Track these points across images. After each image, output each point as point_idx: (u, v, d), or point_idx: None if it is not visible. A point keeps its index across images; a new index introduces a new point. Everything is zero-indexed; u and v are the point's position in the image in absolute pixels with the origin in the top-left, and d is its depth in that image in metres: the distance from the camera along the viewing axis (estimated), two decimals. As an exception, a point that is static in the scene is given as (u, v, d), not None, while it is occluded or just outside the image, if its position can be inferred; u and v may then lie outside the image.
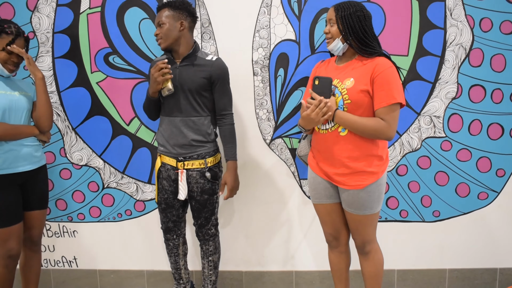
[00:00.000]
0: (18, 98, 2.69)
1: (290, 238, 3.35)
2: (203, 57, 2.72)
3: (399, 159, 3.19)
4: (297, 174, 3.25)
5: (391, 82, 2.35)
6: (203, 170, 2.76)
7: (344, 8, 2.41)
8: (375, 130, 2.36)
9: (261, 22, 3.10)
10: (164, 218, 2.92)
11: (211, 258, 2.96)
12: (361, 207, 2.50)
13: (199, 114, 2.72)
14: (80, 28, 3.19)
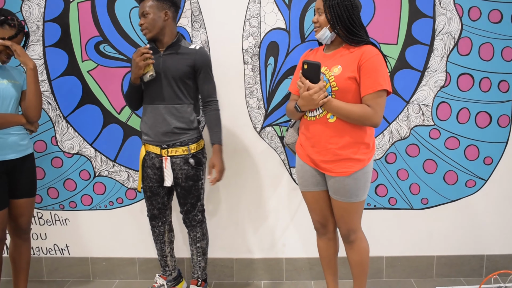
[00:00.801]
0: (6, 87, 2.68)
1: (280, 226, 3.38)
2: (186, 46, 2.76)
3: (388, 147, 3.22)
4: (287, 162, 3.28)
5: (378, 69, 2.37)
6: (187, 157, 2.78)
7: None
8: (361, 116, 2.39)
9: (251, 10, 3.10)
10: (149, 205, 2.96)
11: (199, 244, 2.99)
12: (346, 194, 2.52)
13: (182, 102, 2.76)
14: (70, 17, 3.19)
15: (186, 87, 2.75)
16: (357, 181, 2.51)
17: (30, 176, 2.87)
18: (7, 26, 2.64)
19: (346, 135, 2.47)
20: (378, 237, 3.32)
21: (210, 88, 2.81)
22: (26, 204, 2.87)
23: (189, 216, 2.92)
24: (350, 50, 2.46)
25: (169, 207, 3.03)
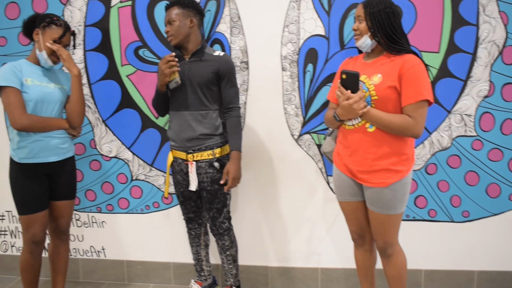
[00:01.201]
0: (52, 91, 2.74)
1: (316, 234, 3.33)
2: (210, 53, 2.78)
3: (429, 158, 3.14)
4: (324, 171, 3.23)
5: (420, 78, 2.32)
6: (212, 161, 2.79)
7: (373, 5, 2.38)
8: (401, 126, 2.33)
9: (290, 17, 3.08)
10: (184, 209, 3.01)
11: (229, 252, 2.97)
12: (384, 206, 2.46)
13: (207, 108, 2.77)
14: (111, 22, 3.23)
15: (211, 93, 2.77)
16: (395, 193, 2.44)
17: (70, 178, 2.92)
18: (54, 26, 2.71)
19: (385, 145, 2.41)
20: (416, 249, 3.24)
21: (232, 95, 2.80)
22: (66, 206, 2.92)
23: (216, 223, 2.90)
24: (391, 59, 2.41)
25: (204, 209, 3.02)
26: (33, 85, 2.65)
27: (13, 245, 3.65)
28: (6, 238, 3.64)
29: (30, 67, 2.71)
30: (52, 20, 2.70)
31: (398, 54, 2.39)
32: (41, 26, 2.69)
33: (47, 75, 2.76)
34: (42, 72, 2.75)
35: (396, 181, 2.43)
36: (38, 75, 2.72)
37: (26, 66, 2.69)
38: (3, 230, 3.63)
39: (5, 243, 3.65)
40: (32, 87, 2.64)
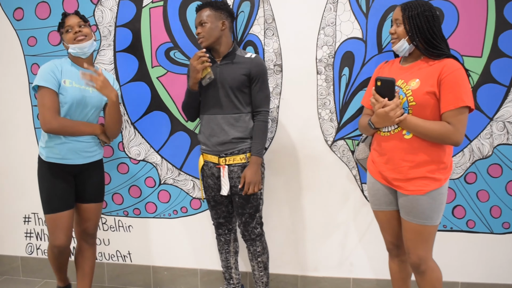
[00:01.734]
0: (90, 95, 2.72)
1: (349, 243, 3.24)
2: (242, 55, 2.74)
3: (468, 166, 3.02)
4: (358, 178, 3.13)
5: (460, 84, 2.22)
6: (244, 165, 2.73)
7: (412, 8, 2.30)
8: (441, 134, 2.24)
9: (326, 19, 2.99)
10: (214, 214, 2.94)
11: (260, 259, 2.90)
12: (420, 215, 2.35)
13: (240, 111, 2.72)
14: (142, 22, 3.17)
15: (243, 96, 2.72)
16: (432, 202, 2.34)
17: (98, 181, 2.88)
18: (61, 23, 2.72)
19: (422, 153, 2.32)
20: (454, 261, 3.12)
21: (263, 98, 2.74)
22: (93, 209, 2.88)
23: (248, 228, 2.83)
24: (430, 63, 2.31)
25: (234, 215, 2.96)
26: (71, 87, 2.63)
27: (38, 248, 3.61)
28: (32, 241, 3.61)
29: (72, 67, 2.71)
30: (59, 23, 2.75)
31: (437, 58, 2.30)
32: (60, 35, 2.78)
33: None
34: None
35: (434, 190, 2.33)
36: (78, 77, 2.69)
37: (67, 66, 2.69)
38: (29, 232, 3.59)
39: (30, 245, 3.62)
40: (69, 89, 2.63)
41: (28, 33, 3.30)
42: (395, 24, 2.38)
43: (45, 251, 3.58)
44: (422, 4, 2.31)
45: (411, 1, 2.34)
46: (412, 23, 2.29)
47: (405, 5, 2.33)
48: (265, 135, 2.75)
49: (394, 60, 2.57)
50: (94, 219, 2.91)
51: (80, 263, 2.97)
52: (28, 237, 3.60)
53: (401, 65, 2.46)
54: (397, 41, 2.38)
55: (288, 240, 3.28)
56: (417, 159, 2.33)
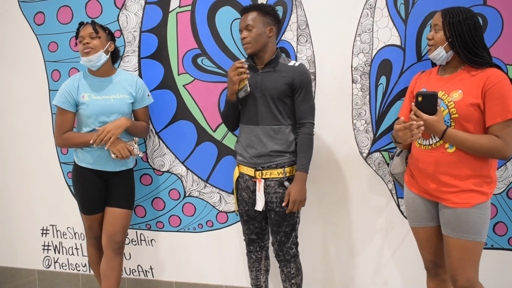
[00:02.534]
0: (112, 103, 2.73)
1: (383, 261, 3.10)
2: (285, 63, 2.61)
3: (511, 181, 2.88)
4: (395, 192, 3.00)
5: (506, 95, 2.13)
6: (282, 180, 2.60)
7: (453, 14, 2.20)
8: (489, 148, 2.14)
9: (363, 25, 2.86)
10: (246, 230, 2.79)
11: (294, 281, 2.75)
12: (470, 230, 2.22)
13: (280, 123, 2.59)
14: (168, 28, 3.07)
15: (284, 106, 2.59)
16: (481, 215, 2.22)
17: (128, 189, 2.91)
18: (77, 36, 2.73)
19: (466, 167, 2.22)
20: (494, 281, 2.96)
21: (307, 109, 2.60)
22: (121, 214, 2.87)
23: (283, 248, 2.68)
24: (472, 74, 2.22)
25: (267, 232, 2.83)
26: (90, 101, 2.71)
27: (56, 261, 3.50)
28: (50, 254, 3.49)
29: (89, 80, 2.77)
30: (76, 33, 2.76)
31: (480, 67, 2.20)
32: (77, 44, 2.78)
33: (105, 87, 2.75)
34: (100, 84, 2.74)
35: (482, 203, 2.22)
36: (96, 89, 2.73)
37: (83, 80, 2.76)
38: (47, 245, 3.48)
39: (48, 259, 3.51)
40: (89, 103, 2.71)
41: (49, 38, 3.21)
42: (433, 29, 2.28)
43: (63, 264, 3.49)
44: (464, 11, 2.21)
45: (453, 7, 2.24)
46: (453, 30, 2.19)
47: (446, 11, 2.23)
48: (311, 149, 2.61)
49: (431, 70, 2.47)
50: (122, 226, 2.88)
51: (106, 274, 2.88)
52: (45, 250, 3.49)
53: (440, 76, 2.35)
54: (433, 48, 2.28)
55: (320, 257, 3.15)
56: (461, 173, 2.23)
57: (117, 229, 2.86)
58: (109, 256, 2.87)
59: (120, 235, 2.88)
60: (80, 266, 3.47)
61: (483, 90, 2.15)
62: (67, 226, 3.41)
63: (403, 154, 2.61)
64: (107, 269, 2.87)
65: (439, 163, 2.26)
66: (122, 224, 2.88)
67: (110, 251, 2.87)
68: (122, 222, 2.88)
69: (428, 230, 2.43)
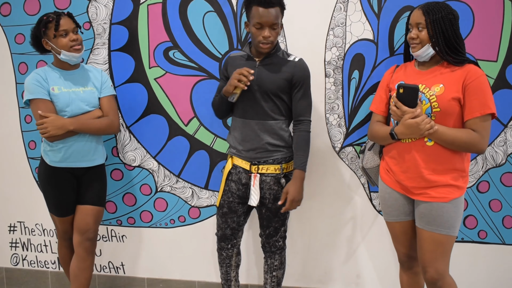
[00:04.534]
0: (83, 95, 2.69)
1: (356, 255, 3.12)
2: (284, 57, 2.53)
3: (481, 175, 2.94)
4: (367, 186, 3.03)
5: (485, 90, 2.19)
6: (278, 176, 2.56)
7: (435, 11, 2.21)
8: (467, 142, 2.19)
9: (336, 19, 2.87)
10: (222, 223, 2.69)
11: (275, 273, 2.75)
12: (445, 224, 2.26)
13: (277, 117, 2.53)
14: (139, 20, 3.01)
15: (281, 102, 2.53)
16: (456, 210, 2.28)
17: (100, 186, 2.85)
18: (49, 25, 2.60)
19: (444, 161, 2.26)
20: (464, 272, 3.03)
21: (305, 107, 2.55)
22: (94, 211, 2.81)
23: (270, 241, 2.67)
24: (452, 69, 2.25)
25: (242, 229, 2.78)
26: (60, 93, 2.63)
27: (24, 258, 3.43)
28: (18, 251, 3.42)
29: (56, 73, 2.69)
30: (44, 21, 2.59)
31: (458, 65, 2.24)
32: (43, 35, 2.60)
33: (74, 79, 2.69)
34: (69, 77, 2.69)
35: (458, 197, 2.27)
36: (65, 81, 2.68)
37: (51, 73, 2.67)
38: (14, 242, 3.40)
39: (16, 256, 3.44)
40: (60, 95, 2.63)
41: (16, 30, 3.12)
42: (415, 28, 2.27)
43: (32, 262, 3.42)
44: (444, 7, 2.22)
45: (431, 3, 2.25)
46: (437, 28, 2.20)
47: (427, 8, 2.23)
48: (308, 147, 2.58)
49: (406, 64, 2.49)
50: (94, 223, 2.82)
51: (77, 275, 2.81)
52: (13, 247, 3.41)
53: (419, 70, 2.37)
54: (419, 46, 2.27)
55: (294, 252, 3.15)
56: (439, 167, 2.26)
57: (90, 226, 2.80)
58: (81, 256, 2.81)
59: (93, 232, 2.83)
60: (49, 263, 3.40)
61: (464, 84, 2.19)
62: (36, 222, 3.34)
63: (376, 148, 2.62)
64: (77, 270, 2.81)
65: (418, 157, 2.28)
66: (95, 222, 2.82)
67: (82, 250, 2.80)
68: (94, 220, 2.82)
69: (404, 225, 2.46)
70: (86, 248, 2.81)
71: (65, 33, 2.59)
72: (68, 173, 2.71)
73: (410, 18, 2.32)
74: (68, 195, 2.75)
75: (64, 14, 2.63)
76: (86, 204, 2.79)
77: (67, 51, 2.60)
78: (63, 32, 2.58)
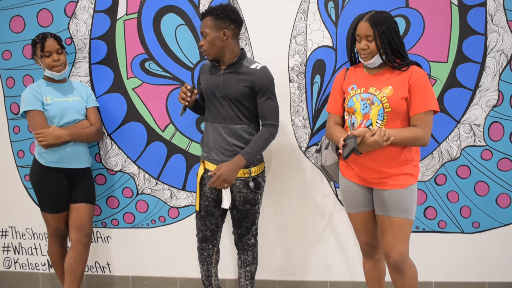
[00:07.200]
0: (72, 104, 2.99)
1: (325, 248, 3.30)
2: (248, 65, 2.62)
3: (438, 168, 3.11)
4: (333, 182, 3.19)
5: (427, 89, 2.39)
6: (247, 180, 2.68)
7: (381, 23, 2.38)
8: (412, 139, 2.39)
9: (297, 28, 3.06)
10: (202, 226, 2.81)
11: (249, 268, 2.91)
12: (404, 208, 2.46)
13: (243, 122, 2.65)
14: (117, 35, 3.20)
15: (245, 108, 2.63)
16: (412, 195, 2.49)
17: (90, 185, 3.13)
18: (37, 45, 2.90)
19: (397, 155, 2.45)
20: (427, 261, 3.20)
21: (270, 111, 2.62)
22: (87, 208, 3.08)
23: (242, 240, 2.84)
24: (397, 72, 2.45)
25: (221, 229, 2.89)
26: (53, 103, 2.92)
27: (16, 262, 3.58)
28: (9, 255, 3.57)
29: (48, 86, 2.98)
30: (33, 41, 2.92)
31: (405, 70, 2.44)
32: (33, 54, 2.96)
33: (63, 91, 3.00)
34: (59, 89, 2.98)
35: (412, 184, 2.48)
36: (56, 92, 2.97)
37: (44, 86, 2.96)
38: (6, 246, 3.56)
39: (8, 260, 3.59)
40: (52, 104, 2.91)
41: (3, 47, 3.30)
42: (365, 39, 2.43)
43: (23, 264, 3.56)
44: (387, 17, 2.41)
45: (376, 15, 2.41)
46: (385, 39, 2.38)
47: (373, 20, 2.38)
48: (263, 145, 2.62)
49: (355, 68, 2.66)
50: (89, 219, 3.08)
51: (73, 267, 3.01)
52: (5, 251, 3.57)
53: (368, 73, 2.55)
54: (370, 56, 2.44)
55: (266, 246, 3.31)
56: (394, 160, 2.46)
57: (86, 222, 3.04)
58: (78, 250, 3.01)
59: (89, 228, 3.06)
60: (39, 265, 3.56)
61: (408, 84, 2.40)
62: (26, 227, 3.50)
63: (332, 146, 2.77)
64: (75, 263, 3.00)
65: (374, 154, 2.46)
66: (89, 218, 3.08)
67: (80, 245, 3.02)
68: (89, 216, 3.07)
69: (365, 215, 2.64)
70: (84, 243, 3.04)
71: (49, 54, 2.89)
72: (61, 173, 2.95)
73: (357, 29, 2.46)
74: (61, 191, 2.96)
75: (51, 36, 2.91)
76: (80, 202, 3.04)
77: (49, 70, 2.91)
78: (47, 53, 2.88)
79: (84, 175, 3.07)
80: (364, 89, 2.51)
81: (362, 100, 2.49)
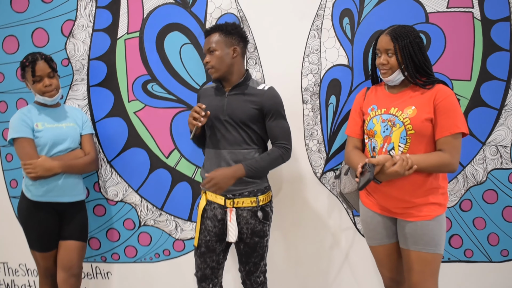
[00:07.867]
0: (65, 130, 2.77)
1: (344, 282, 3.10)
2: (254, 86, 2.50)
3: (463, 193, 2.94)
4: (351, 211, 3.00)
5: (454, 109, 2.21)
6: (255, 209, 2.49)
7: (403, 37, 2.23)
8: (439, 165, 2.20)
9: (311, 46, 2.90)
10: (201, 263, 2.59)
11: None
12: (431, 242, 2.26)
13: (250, 147, 2.49)
14: (117, 54, 3.03)
15: (252, 131, 2.48)
16: (440, 227, 2.28)
17: (82, 221, 2.88)
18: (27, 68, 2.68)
19: (422, 183, 2.27)
20: (453, 293, 3.00)
21: (280, 133, 2.48)
22: (77, 246, 2.83)
23: (251, 277, 2.60)
24: (421, 90, 2.27)
25: (223, 266, 2.68)
26: (44, 129, 2.70)
27: (8, 300, 3.35)
28: (1, 293, 3.35)
29: (39, 110, 2.76)
30: (22, 64, 2.71)
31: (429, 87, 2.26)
32: (21, 77, 2.75)
33: (56, 116, 2.77)
34: (52, 114, 2.76)
35: (440, 215, 2.28)
36: (48, 118, 2.75)
37: (35, 111, 2.75)
38: (-2, 283, 3.34)
39: (-1, 298, 3.36)
40: (44, 131, 2.69)
41: (-5, 69, 3.11)
42: (385, 54, 2.29)
43: (16, 303, 3.33)
44: (410, 31, 2.26)
45: (398, 28, 2.27)
46: (406, 53, 2.23)
47: (394, 34, 2.25)
48: (270, 163, 2.46)
49: (376, 87, 2.51)
50: (78, 258, 2.83)
51: None
52: (-4, 289, 3.35)
53: (389, 92, 2.39)
54: (390, 72, 2.29)
55: (279, 280, 3.11)
56: (419, 189, 2.27)
57: (74, 262, 2.79)
58: None
59: (77, 268, 2.82)
60: (33, 304, 3.33)
61: (434, 104, 2.21)
62: (19, 263, 3.28)
63: (352, 172, 2.60)
64: None
65: (397, 181, 2.26)
66: (79, 257, 2.82)
67: (68, 286, 2.79)
68: (78, 255, 2.81)
69: (388, 248, 2.44)
70: (71, 285, 2.79)
71: (40, 78, 2.67)
72: (50, 207, 2.72)
73: (378, 43, 2.34)
74: (50, 229, 2.74)
75: (41, 58, 2.68)
76: (69, 239, 2.79)
77: (41, 96, 2.70)
78: (38, 78, 2.66)
79: (77, 209, 2.84)
80: (385, 109, 2.34)
81: (383, 121, 2.32)
